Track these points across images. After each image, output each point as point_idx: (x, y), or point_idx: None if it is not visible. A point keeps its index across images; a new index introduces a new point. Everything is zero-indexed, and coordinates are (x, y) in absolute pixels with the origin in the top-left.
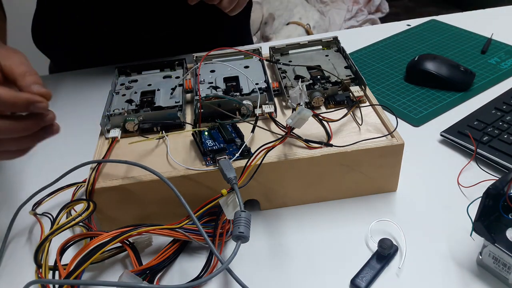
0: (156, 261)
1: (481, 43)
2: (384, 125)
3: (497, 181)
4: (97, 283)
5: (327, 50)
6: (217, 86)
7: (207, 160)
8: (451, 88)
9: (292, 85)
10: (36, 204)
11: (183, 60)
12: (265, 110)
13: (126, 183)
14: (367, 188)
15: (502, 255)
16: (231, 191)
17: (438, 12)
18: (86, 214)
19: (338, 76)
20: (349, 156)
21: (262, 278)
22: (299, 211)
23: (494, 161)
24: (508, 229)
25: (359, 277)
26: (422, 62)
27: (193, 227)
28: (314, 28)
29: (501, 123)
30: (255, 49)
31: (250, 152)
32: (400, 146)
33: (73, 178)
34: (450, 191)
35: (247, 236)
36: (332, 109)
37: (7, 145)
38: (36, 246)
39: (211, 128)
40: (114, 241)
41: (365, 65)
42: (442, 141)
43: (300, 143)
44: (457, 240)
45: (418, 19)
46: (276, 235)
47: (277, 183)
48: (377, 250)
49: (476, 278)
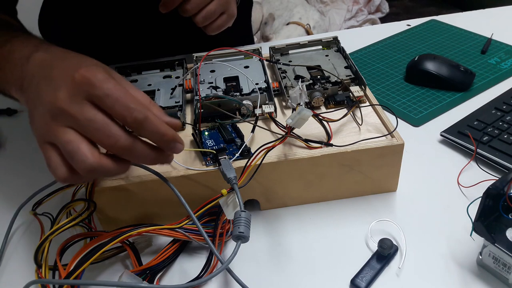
0: (156, 261)
1: (481, 43)
2: (384, 125)
3: (497, 181)
4: (97, 283)
5: (327, 50)
6: (217, 86)
7: (207, 160)
8: (451, 88)
9: (292, 85)
10: (36, 204)
11: (183, 60)
12: (265, 110)
13: (126, 183)
14: (367, 188)
15: (502, 255)
16: (231, 191)
17: (438, 12)
18: (86, 214)
19: (338, 76)
20: (349, 156)
21: (262, 278)
22: (299, 211)
23: (494, 161)
24: (508, 229)
25: (359, 277)
26: (422, 62)
27: (193, 227)
28: (314, 28)
29: (501, 123)
30: (255, 49)
31: (250, 152)
32: (400, 146)
33: None
34: (450, 191)
35: (247, 236)
36: (332, 109)
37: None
38: (36, 246)
39: (211, 128)
40: (114, 241)
41: (365, 65)
42: (442, 141)
43: (300, 143)
44: (457, 240)
45: (418, 19)
46: (276, 235)
47: (277, 183)
48: (377, 250)
49: (476, 278)
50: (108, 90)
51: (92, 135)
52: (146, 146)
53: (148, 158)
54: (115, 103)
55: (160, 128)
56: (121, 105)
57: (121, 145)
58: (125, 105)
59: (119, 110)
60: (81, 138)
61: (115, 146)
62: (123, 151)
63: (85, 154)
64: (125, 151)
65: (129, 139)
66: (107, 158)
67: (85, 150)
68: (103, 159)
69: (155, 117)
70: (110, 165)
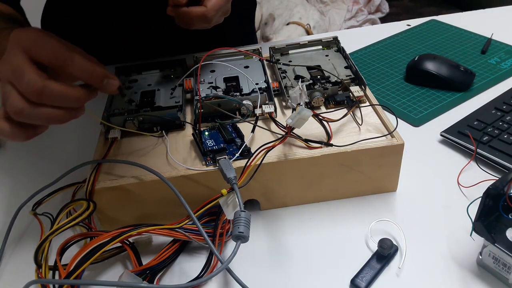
0: (156, 261)
1: (481, 43)
2: (384, 125)
3: (497, 181)
4: (97, 283)
5: (327, 50)
6: (217, 86)
7: (207, 160)
8: (451, 88)
9: (292, 85)
10: (36, 204)
11: (183, 60)
12: (265, 110)
13: (126, 183)
14: (367, 188)
15: (502, 255)
16: (231, 191)
17: (438, 12)
18: (86, 214)
19: (338, 76)
20: (349, 156)
21: (262, 278)
22: (299, 211)
23: (494, 161)
24: (508, 229)
25: (359, 277)
26: (422, 62)
27: (193, 227)
28: (314, 28)
29: (501, 123)
30: (255, 49)
31: (250, 152)
32: (400, 146)
33: (73, 178)
34: (450, 191)
35: (247, 236)
36: (332, 109)
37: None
38: (36, 246)
39: (211, 128)
40: (114, 241)
41: (365, 65)
42: (442, 141)
43: (300, 143)
44: (457, 240)
45: (418, 19)
46: (276, 235)
47: (277, 183)
48: (377, 250)
49: (476, 278)
50: (36, 42)
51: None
52: (61, 85)
53: (76, 97)
54: (41, 51)
55: (88, 64)
56: (48, 51)
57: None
58: (52, 51)
59: (46, 56)
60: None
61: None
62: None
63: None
64: (40, 92)
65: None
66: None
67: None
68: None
69: (81, 57)
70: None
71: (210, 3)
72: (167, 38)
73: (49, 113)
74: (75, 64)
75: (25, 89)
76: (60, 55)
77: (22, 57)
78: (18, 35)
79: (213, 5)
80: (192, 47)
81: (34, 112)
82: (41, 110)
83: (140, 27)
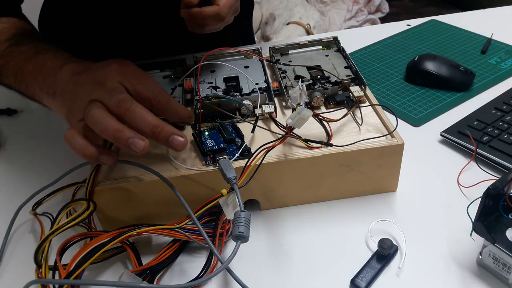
0: (156, 261)
1: (481, 43)
2: (384, 125)
3: (497, 181)
4: (97, 283)
5: (327, 50)
6: (217, 86)
7: (207, 160)
8: (451, 88)
9: (292, 85)
10: (36, 204)
11: (183, 60)
12: (265, 110)
13: (126, 183)
14: (367, 188)
15: (502, 255)
16: (231, 191)
17: (438, 12)
18: (86, 214)
19: (338, 76)
20: (349, 156)
21: (262, 278)
22: (299, 211)
23: (494, 161)
24: (508, 229)
25: (359, 277)
26: (422, 62)
27: (193, 227)
28: (314, 28)
29: (501, 123)
30: (255, 49)
31: (250, 152)
32: (400, 146)
33: (73, 178)
34: (450, 191)
35: (247, 236)
36: (332, 109)
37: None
38: (36, 246)
39: (211, 128)
40: (114, 241)
41: (365, 65)
42: (442, 141)
43: (300, 143)
44: (457, 240)
45: (418, 19)
46: (276, 235)
47: (277, 183)
48: (377, 250)
49: (476, 278)
50: (138, 77)
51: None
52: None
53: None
54: (142, 88)
55: (179, 106)
56: (147, 89)
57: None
58: (151, 90)
59: (145, 93)
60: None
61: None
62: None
63: (109, 122)
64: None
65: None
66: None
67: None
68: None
69: (176, 101)
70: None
71: (222, 2)
72: (167, 38)
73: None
74: (171, 107)
75: (115, 102)
76: (161, 98)
77: (120, 86)
78: (120, 67)
79: (226, 3)
80: (192, 47)
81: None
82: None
83: (140, 27)
